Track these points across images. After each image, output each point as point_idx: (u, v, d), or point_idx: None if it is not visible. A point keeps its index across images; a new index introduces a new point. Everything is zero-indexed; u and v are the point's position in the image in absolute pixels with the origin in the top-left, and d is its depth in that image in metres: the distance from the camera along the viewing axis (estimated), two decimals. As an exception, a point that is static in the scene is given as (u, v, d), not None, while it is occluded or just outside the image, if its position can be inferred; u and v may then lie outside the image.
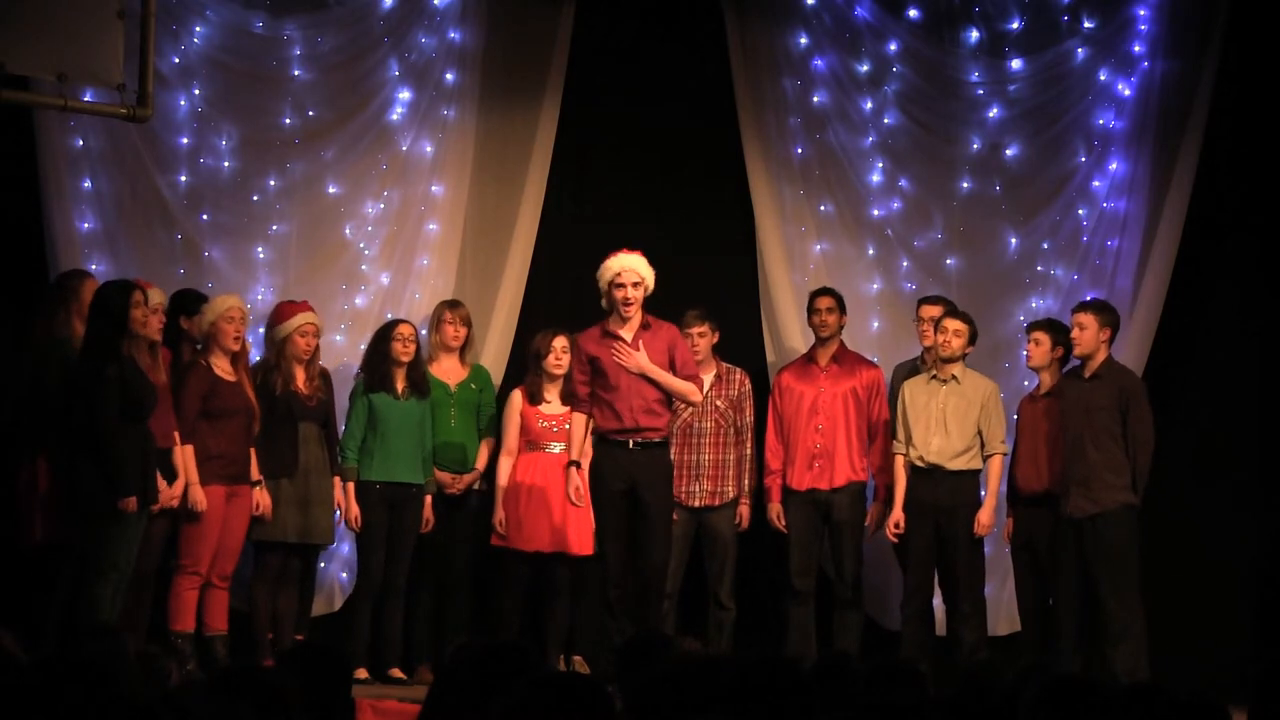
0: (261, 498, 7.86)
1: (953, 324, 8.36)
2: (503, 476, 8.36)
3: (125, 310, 7.09)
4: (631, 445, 7.62)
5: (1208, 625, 8.98)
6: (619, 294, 7.62)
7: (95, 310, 7.13)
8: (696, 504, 8.56)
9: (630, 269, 7.62)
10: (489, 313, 8.85)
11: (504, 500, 8.33)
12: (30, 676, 3.45)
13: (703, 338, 8.56)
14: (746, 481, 8.62)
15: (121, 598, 7.09)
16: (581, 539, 8.24)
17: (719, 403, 8.63)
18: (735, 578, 8.60)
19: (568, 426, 8.04)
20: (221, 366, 7.79)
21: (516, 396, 8.44)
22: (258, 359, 8.13)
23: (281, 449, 7.94)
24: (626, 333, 7.66)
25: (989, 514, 8.30)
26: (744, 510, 8.60)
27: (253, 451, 7.85)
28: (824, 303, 8.64)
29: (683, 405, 8.18)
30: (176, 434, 7.60)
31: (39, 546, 7.23)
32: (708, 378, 8.56)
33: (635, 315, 7.65)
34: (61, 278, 7.68)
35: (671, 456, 7.92)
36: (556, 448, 8.25)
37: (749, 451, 8.64)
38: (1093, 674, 7.55)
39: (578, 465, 7.79)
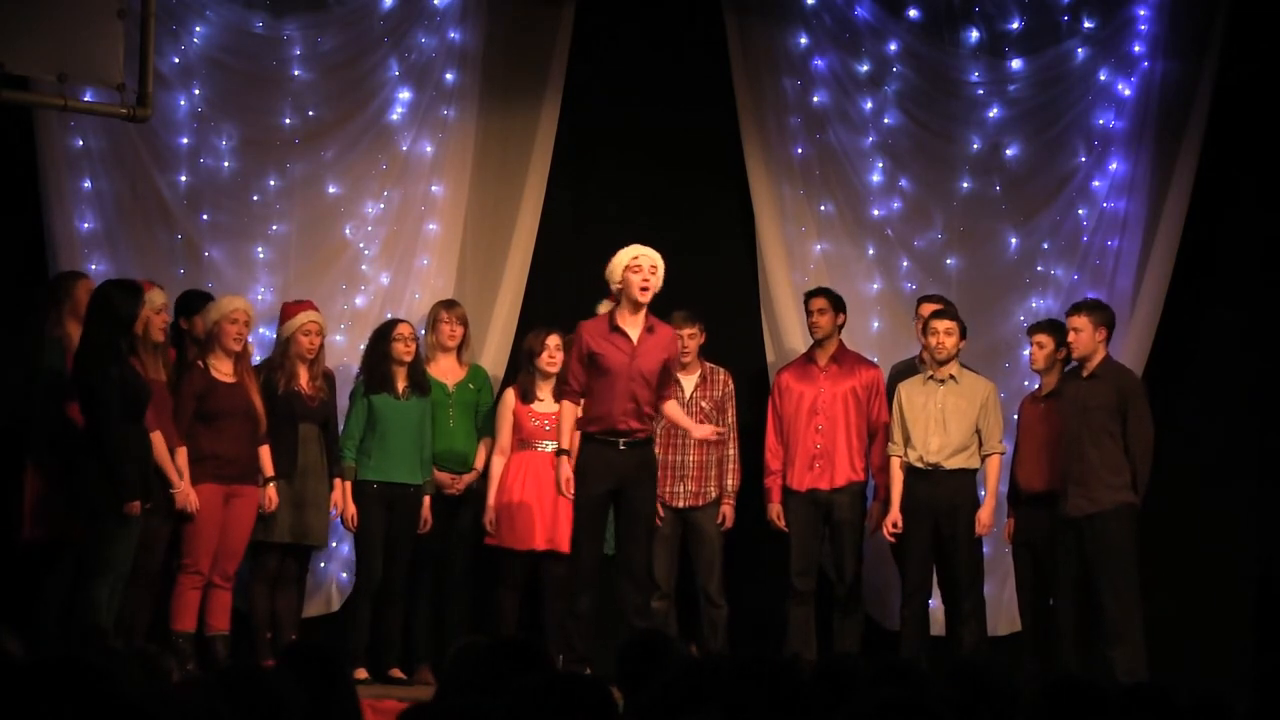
0: (270, 494, 7.85)
1: (942, 324, 8.33)
2: (495, 475, 8.33)
3: (134, 313, 7.08)
4: (621, 445, 7.48)
5: (1208, 625, 8.99)
6: (636, 276, 7.41)
7: (96, 310, 7.04)
8: (680, 504, 8.53)
9: (647, 254, 7.45)
10: (489, 313, 8.84)
11: (496, 498, 8.31)
12: (29, 676, 3.44)
13: (693, 339, 8.54)
14: (729, 481, 8.57)
15: (118, 598, 7.06)
16: None
17: (704, 404, 8.59)
18: (725, 575, 8.57)
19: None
20: (220, 368, 7.77)
21: (509, 395, 8.41)
22: (261, 360, 8.13)
23: (280, 449, 7.93)
24: (633, 330, 7.48)
25: (989, 513, 8.30)
26: (726, 510, 8.54)
27: (262, 450, 7.85)
28: (816, 304, 8.62)
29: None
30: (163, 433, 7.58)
31: (28, 547, 7.23)
32: (692, 378, 8.56)
33: (645, 308, 7.46)
34: (56, 279, 7.67)
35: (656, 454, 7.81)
36: (549, 446, 8.19)
37: (731, 452, 8.59)
38: (1093, 674, 7.56)
39: (568, 454, 7.59)
